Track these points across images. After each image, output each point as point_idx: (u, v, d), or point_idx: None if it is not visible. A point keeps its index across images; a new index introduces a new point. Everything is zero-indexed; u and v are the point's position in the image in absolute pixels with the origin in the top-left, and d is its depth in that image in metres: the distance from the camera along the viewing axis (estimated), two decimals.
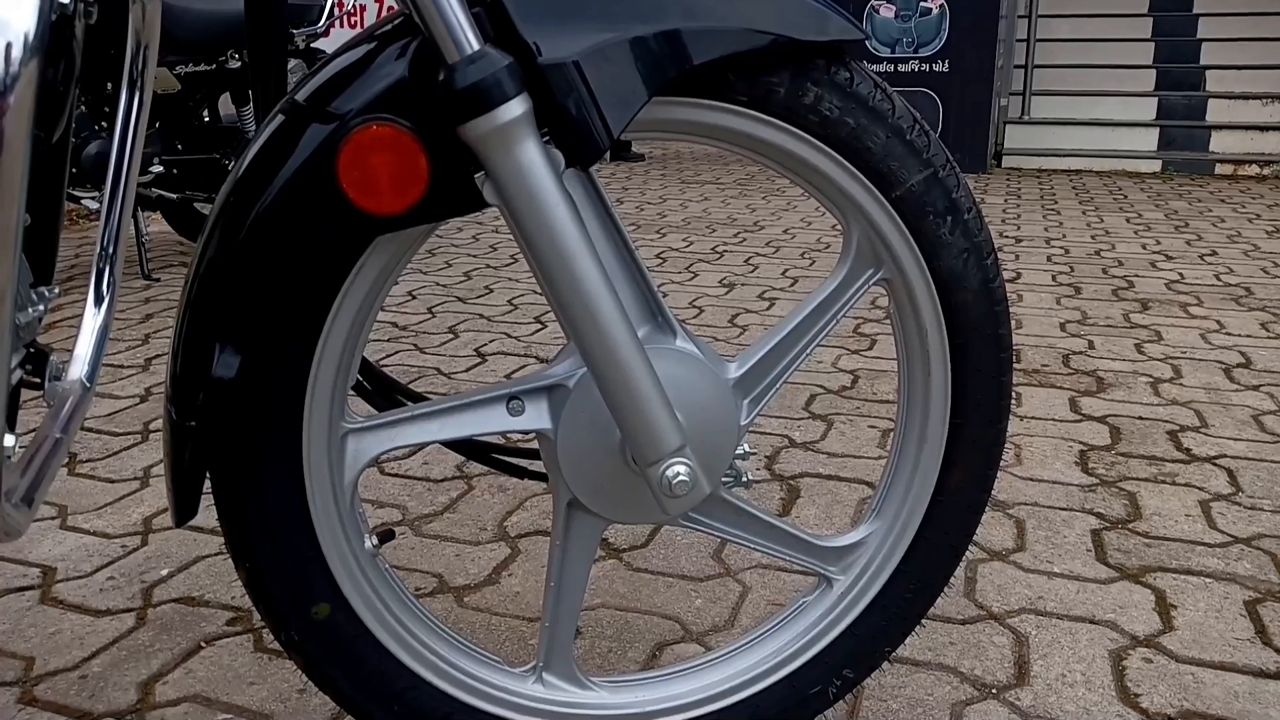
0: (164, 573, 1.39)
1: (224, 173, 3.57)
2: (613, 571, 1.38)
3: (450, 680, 0.89)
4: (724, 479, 0.91)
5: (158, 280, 3.40)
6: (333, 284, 0.75)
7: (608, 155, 7.31)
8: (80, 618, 1.28)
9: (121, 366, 2.38)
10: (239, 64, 3.49)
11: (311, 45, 3.74)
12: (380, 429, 0.83)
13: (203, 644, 1.22)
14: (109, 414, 2.04)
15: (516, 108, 0.68)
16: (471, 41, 0.67)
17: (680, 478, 0.78)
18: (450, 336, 2.63)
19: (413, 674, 0.88)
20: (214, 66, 3.48)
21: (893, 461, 0.95)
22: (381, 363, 2.41)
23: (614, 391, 0.76)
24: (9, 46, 0.47)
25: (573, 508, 0.87)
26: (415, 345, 2.56)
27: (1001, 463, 1.73)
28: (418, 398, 0.96)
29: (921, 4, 6.63)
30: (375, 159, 0.70)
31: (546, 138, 0.72)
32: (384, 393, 0.96)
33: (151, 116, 3.54)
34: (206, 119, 3.72)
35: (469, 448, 1.02)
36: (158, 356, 2.47)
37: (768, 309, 2.91)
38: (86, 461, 1.79)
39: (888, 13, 6.75)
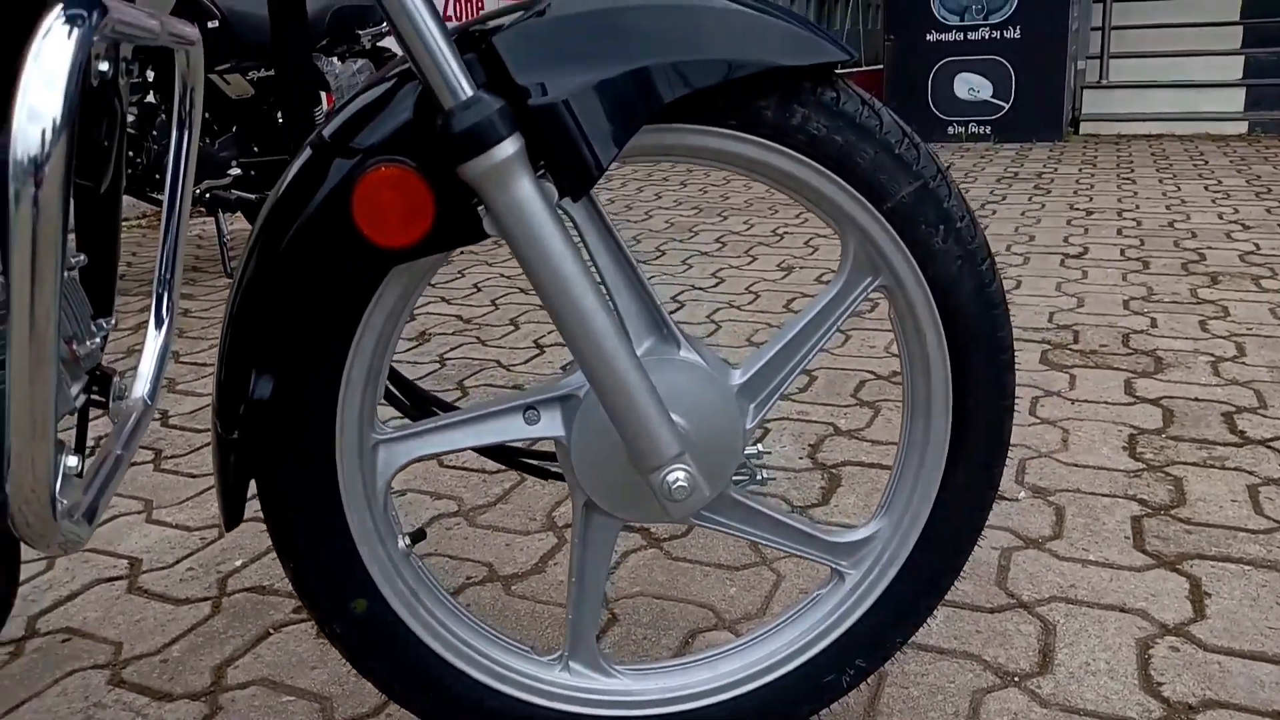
0: (238, 563, 1.50)
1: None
2: (652, 560, 1.44)
3: (482, 669, 0.96)
4: (738, 478, 0.96)
5: None
6: (355, 311, 0.82)
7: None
8: (162, 606, 1.39)
9: (204, 365, 2.52)
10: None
11: (378, 44, 3.86)
12: (408, 439, 0.90)
13: (270, 630, 1.32)
14: (191, 411, 2.18)
15: (509, 147, 0.73)
16: (465, 88, 0.73)
17: (679, 483, 0.83)
18: (511, 329, 2.72)
19: (446, 663, 0.95)
20: None
21: (900, 459, 0.98)
22: (446, 355, 2.50)
23: (612, 404, 0.81)
24: (43, 133, 0.55)
25: (589, 508, 0.93)
26: (478, 338, 2.65)
27: (1047, 448, 1.73)
28: (447, 407, 1.02)
29: None
30: (385, 197, 0.77)
31: (541, 171, 0.77)
32: (416, 404, 1.03)
33: (228, 121, 3.71)
34: (280, 120, 3.87)
35: (495, 452, 1.09)
36: None
37: None
38: (171, 458, 1.92)
39: None
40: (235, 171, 3.70)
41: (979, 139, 6.60)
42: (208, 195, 3.58)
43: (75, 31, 0.56)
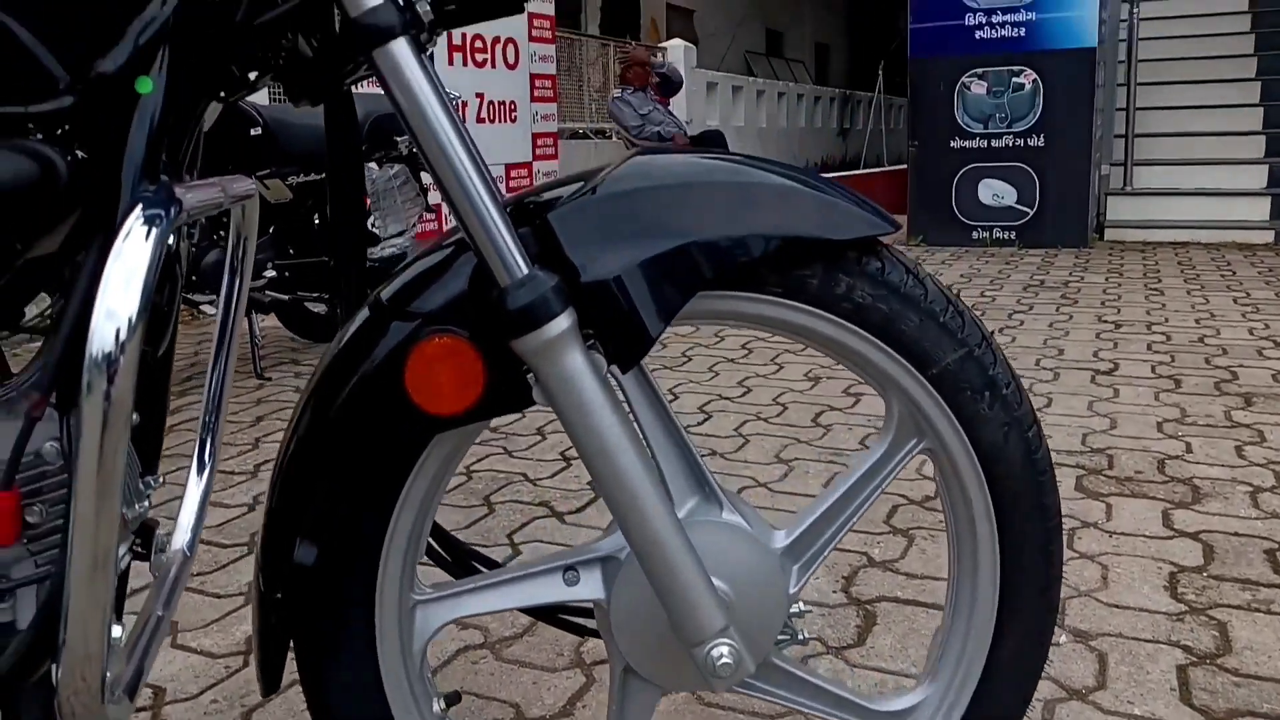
0: (262, 696, 1.48)
1: (333, 273, 3.78)
2: (684, 706, 1.40)
3: None
4: (779, 638, 0.94)
5: (269, 380, 3.60)
6: (400, 475, 0.82)
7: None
8: None
9: (232, 473, 2.53)
10: None
11: (415, 150, 3.96)
12: (446, 600, 0.89)
13: None
14: (219, 524, 2.17)
15: (562, 323, 0.74)
16: (520, 266, 0.74)
17: (724, 659, 0.81)
18: (538, 439, 2.71)
19: None
20: (323, 176, 3.73)
21: (946, 624, 0.96)
22: (472, 468, 2.50)
23: (656, 575, 0.80)
24: (117, 331, 0.56)
25: (628, 674, 0.91)
26: (504, 449, 2.64)
27: (1087, 586, 1.69)
28: (489, 563, 1.02)
29: (1014, 79, 6.61)
30: (438, 367, 0.77)
31: (591, 341, 0.78)
32: (458, 560, 1.02)
33: (265, 224, 3.80)
34: (317, 223, 3.97)
35: (534, 610, 1.07)
36: (267, 462, 2.62)
37: (852, 405, 2.91)
38: (198, 575, 1.91)
39: (979, 89, 6.75)
40: (270, 273, 3.78)
41: (1004, 244, 6.65)
42: None
43: (154, 231, 0.58)
